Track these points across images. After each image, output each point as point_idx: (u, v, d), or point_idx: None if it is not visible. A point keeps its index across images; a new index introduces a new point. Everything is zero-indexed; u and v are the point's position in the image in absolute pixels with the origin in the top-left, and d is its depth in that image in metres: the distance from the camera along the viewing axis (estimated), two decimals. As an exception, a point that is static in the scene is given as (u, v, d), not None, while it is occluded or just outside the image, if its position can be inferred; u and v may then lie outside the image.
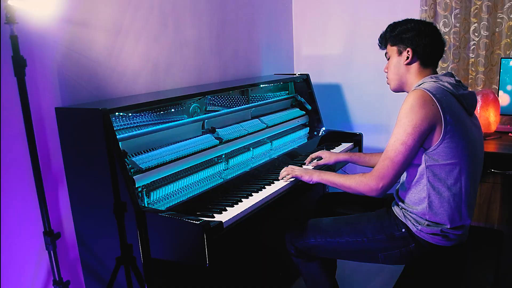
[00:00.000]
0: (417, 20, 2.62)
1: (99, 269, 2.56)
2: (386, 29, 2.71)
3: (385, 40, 2.71)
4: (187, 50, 3.38)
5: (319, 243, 2.74)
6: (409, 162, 2.41)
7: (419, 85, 2.47)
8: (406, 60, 2.57)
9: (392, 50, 2.64)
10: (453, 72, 2.69)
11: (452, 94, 2.41)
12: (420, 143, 2.36)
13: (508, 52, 3.85)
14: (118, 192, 2.26)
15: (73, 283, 2.64)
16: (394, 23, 2.67)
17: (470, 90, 2.55)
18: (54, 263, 2.36)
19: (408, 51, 2.56)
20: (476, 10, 3.90)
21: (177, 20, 3.25)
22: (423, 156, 2.40)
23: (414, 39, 2.54)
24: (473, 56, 4.01)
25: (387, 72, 2.73)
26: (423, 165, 2.42)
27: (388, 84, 2.75)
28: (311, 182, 2.83)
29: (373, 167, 2.74)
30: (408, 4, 4.18)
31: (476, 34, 3.94)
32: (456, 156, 2.36)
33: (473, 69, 4.03)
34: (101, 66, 2.73)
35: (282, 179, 2.92)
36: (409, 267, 2.61)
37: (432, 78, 2.50)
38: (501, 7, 3.82)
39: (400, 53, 2.61)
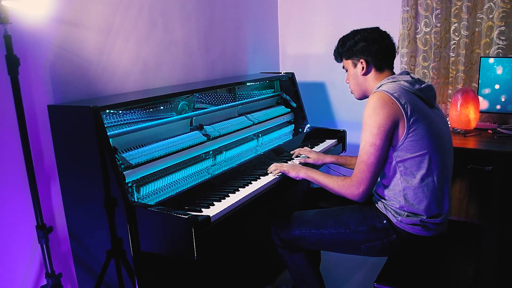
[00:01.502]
0: (363, 30, 2.69)
1: (90, 262, 2.56)
2: (337, 44, 2.79)
3: (339, 55, 2.79)
4: (176, 49, 3.39)
5: (304, 234, 2.76)
6: (382, 161, 2.46)
7: (378, 88, 2.55)
8: (362, 70, 2.66)
9: (348, 63, 2.73)
10: (409, 71, 2.82)
11: (409, 91, 2.46)
12: (388, 141, 2.42)
13: (487, 51, 3.87)
14: (108, 187, 2.26)
15: (65, 275, 2.65)
16: (343, 37, 2.76)
17: (427, 83, 2.61)
18: (46, 256, 2.35)
19: (361, 62, 2.65)
20: (457, 11, 3.92)
21: (166, 20, 3.26)
22: (393, 153, 2.46)
23: (364, 50, 2.63)
24: (453, 55, 4.03)
25: (348, 83, 2.82)
26: (393, 161, 2.47)
27: (352, 93, 2.84)
28: (297, 178, 2.86)
29: None
30: (390, 4, 4.20)
31: (456, 34, 3.97)
32: (422, 147, 2.41)
33: (453, 67, 4.06)
34: (92, 64, 2.73)
35: (270, 173, 2.95)
36: (391, 259, 2.62)
37: (389, 79, 2.57)
38: (480, 7, 3.84)
39: (355, 65, 2.69)
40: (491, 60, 3.69)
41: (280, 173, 2.94)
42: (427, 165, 2.43)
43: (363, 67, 2.65)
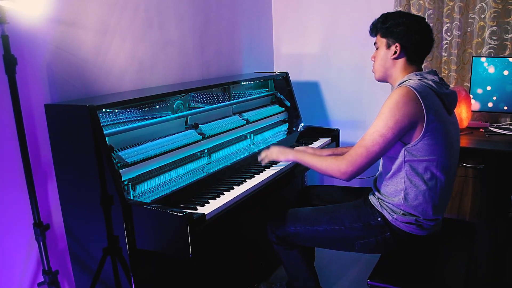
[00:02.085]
0: (410, 15, 2.58)
1: (87, 259, 2.56)
2: (378, 18, 2.66)
3: (376, 29, 2.66)
4: (171, 49, 3.39)
5: (299, 231, 2.76)
6: (383, 154, 2.43)
7: (403, 81, 2.47)
8: (393, 54, 2.55)
9: (381, 41, 2.61)
10: (436, 70, 2.67)
11: (435, 93, 2.41)
12: (398, 138, 2.37)
13: (479, 51, 3.89)
14: (105, 185, 2.27)
15: (62, 272, 2.66)
16: (387, 14, 2.63)
17: (452, 89, 2.56)
18: (43, 253, 2.36)
19: (396, 46, 2.53)
20: (449, 11, 3.94)
21: (162, 20, 3.27)
22: (402, 151, 2.41)
23: (404, 35, 2.50)
24: (445, 55, 4.05)
25: (373, 61, 2.71)
26: (401, 159, 2.43)
27: (373, 72, 2.73)
28: (287, 161, 2.95)
29: None
30: (383, 4, 4.20)
31: (448, 34, 3.98)
32: (434, 153, 2.37)
33: (445, 67, 4.07)
34: (89, 64, 2.74)
35: (261, 162, 3.02)
36: (385, 256, 2.62)
37: (417, 75, 2.49)
38: (472, 7, 3.86)
39: (388, 46, 2.57)
40: (483, 60, 3.71)
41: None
42: (433, 170, 2.41)
43: (395, 51, 2.54)
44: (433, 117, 2.32)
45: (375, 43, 2.69)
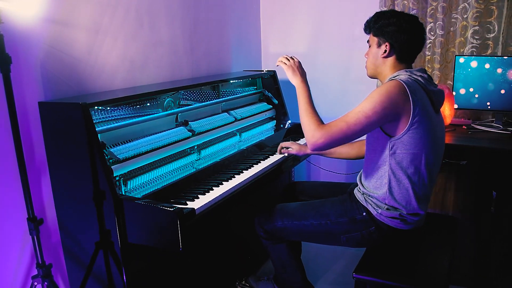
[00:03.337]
0: (402, 14, 2.57)
1: (80, 253, 2.57)
2: (372, 17, 2.65)
3: (369, 28, 2.66)
4: (162, 48, 3.41)
5: (286, 226, 2.78)
6: (359, 136, 2.42)
7: (393, 77, 2.47)
8: (383, 53, 2.56)
9: (373, 40, 2.62)
10: (425, 69, 2.71)
11: (423, 89, 2.43)
12: (379, 124, 2.39)
13: (462, 50, 3.91)
14: (97, 181, 2.29)
15: (55, 266, 2.67)
16: (380, 13, 2.63)
17: (439, 88, 2.57)
18: (37, 247, 2.36)
19: (386, 45, 2.54)
20: (432, 11, 3.96)
21: (152, 20, 3.28)
22: (388, 143, 2.43)
23: (394, 35, 2.51)
24: (429, 53, 4.07)
25: (367, 58, 2.71)
26: (387, 152, 2.45)
27: (365, 68, 2.73)
28: (292, 82, 2.86)
29: (355, 158, 2.84)
30: (368, 5, 4.23)
31: (432, 33, 4.00)
32: (418, 147, 2.39)
33: (429, 66, 4.09)
34: (82, 63, 2.75)
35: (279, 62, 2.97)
36: (370, 250, 2.64)
37: (406, 72, 2.49)
38: (455, 8, 3.88)
39: (379, 45, 2.58)
40: (466, 59, 3.74)
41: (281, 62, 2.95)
42: (417, 165, 2.43)
43: (385, 50, 2.55)
44: (419, 111, 2.33)
45: (368, 41, 2.69)
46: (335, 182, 3.30)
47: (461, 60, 3.75)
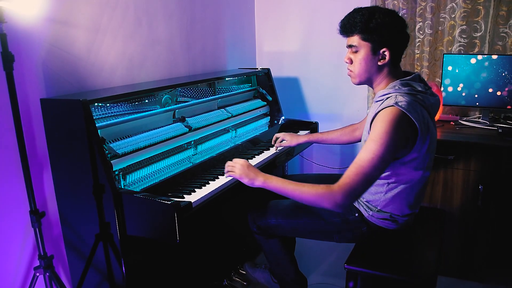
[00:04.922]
0: (386, 10, 2.24)
1: (80, 245, 2.58)
2: (355, 16, 2.28)
3: (353, 29, 2.27)
4: (160, 46, 3.41)
5: (280, 223, 2.76)
6: (378, 178, 2.15)
7: (389, 94, 2.21)
8: (382, 60, 2.26)
9: (363, 45, 2.26)
10: (419, 73, 2.52)
11: (423, 107, 2.19)
12: (393, 157, 2.18)
13: (450, 48, 3.93)
14: (97, 175, 2.29)
15: (57, 257, 2.68)
16: (366, 12, 2.25)
17: (436, 98, 2.34)
18: (39, 239, 2.37)
19: (384, 51, 2.23)
20: (421, 11, 3.97)
21: (150, 19, 3.28)
22: (391, 164, 2.26)
23: (392, 38, 2.21)
24: (418, 52, 4.09)
25: (348, 63, 2.39)
26: (388, 172, 2.34)
27: (349, 76, 2.43)
28: (252, 186, 2.43)
29: (346, 143, 2.75)
30: (359, 4, 4.23)
31: (421, 32, 4.02)
32: (419, 165, 2.29)
33: (418, 64, 4.11)
34: (82, 61, 2.75)
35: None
36: (360, 244, 2.62)
37: (403, 86, 2.23)
38: (443, 8, 3.89)
39: (374, 51, 2.25)
40: (453, 57, 3.77)
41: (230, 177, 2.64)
42: (413, 171, 2.30)
43: (384, 57, 2.23)
44: (423, 134, 2.16)
45: (351, 45, 2.33)
46: (327, 173, 3.25)
47: (450, 58, 3.77)
